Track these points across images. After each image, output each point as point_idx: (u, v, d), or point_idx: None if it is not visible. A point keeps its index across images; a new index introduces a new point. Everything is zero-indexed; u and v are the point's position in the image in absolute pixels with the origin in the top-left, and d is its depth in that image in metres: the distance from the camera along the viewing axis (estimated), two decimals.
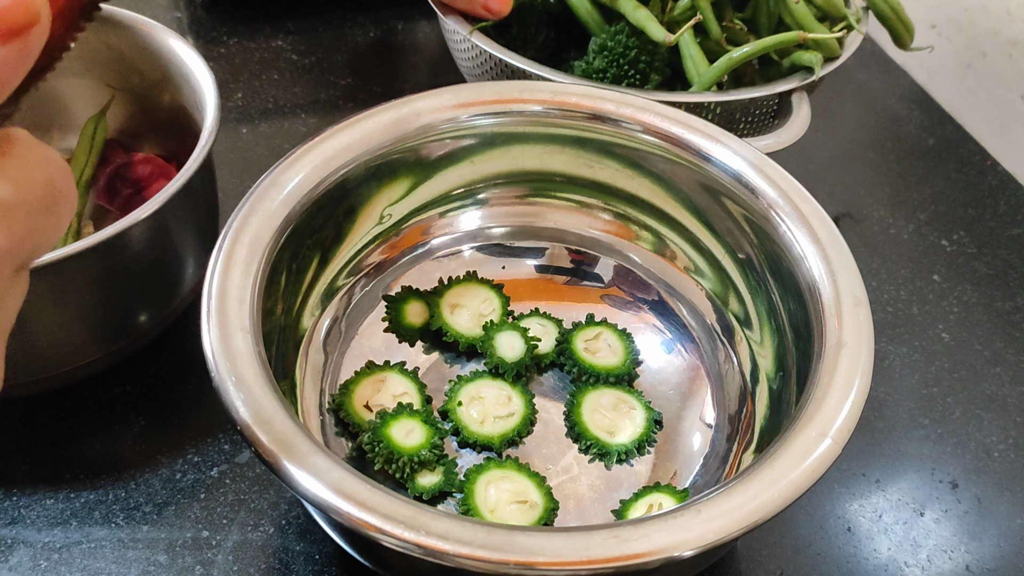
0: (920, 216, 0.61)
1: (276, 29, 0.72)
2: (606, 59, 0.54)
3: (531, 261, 0.50)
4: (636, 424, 0.42)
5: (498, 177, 0.48)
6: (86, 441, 0.44)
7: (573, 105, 0.45)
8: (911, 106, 0.72)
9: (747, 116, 0.54)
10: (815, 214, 0.40)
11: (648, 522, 0.29)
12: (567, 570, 0.27)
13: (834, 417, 0.32)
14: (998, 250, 0.59)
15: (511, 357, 0.44)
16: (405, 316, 0.45)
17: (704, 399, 0.44)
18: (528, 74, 0.52)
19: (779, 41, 0.53)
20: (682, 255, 0.47)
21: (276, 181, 0.39)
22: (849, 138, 0.68)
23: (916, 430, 0.48)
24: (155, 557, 0.39)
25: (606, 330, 0.46)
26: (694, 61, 0.54)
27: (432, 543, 0.27)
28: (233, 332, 0.33)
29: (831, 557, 0.42)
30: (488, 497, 0.38)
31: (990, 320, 0.54)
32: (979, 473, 0.46)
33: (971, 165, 0.66)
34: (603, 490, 0.40)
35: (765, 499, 0.29)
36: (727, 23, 0.57)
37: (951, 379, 0.50)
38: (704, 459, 0.41)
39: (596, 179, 0.48)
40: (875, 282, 0.56)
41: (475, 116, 0.44)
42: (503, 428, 0.41)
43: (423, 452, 0.39)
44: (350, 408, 0.41)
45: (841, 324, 0.35)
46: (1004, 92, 0.68)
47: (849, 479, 0.45)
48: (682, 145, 0.43)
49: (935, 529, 0.43)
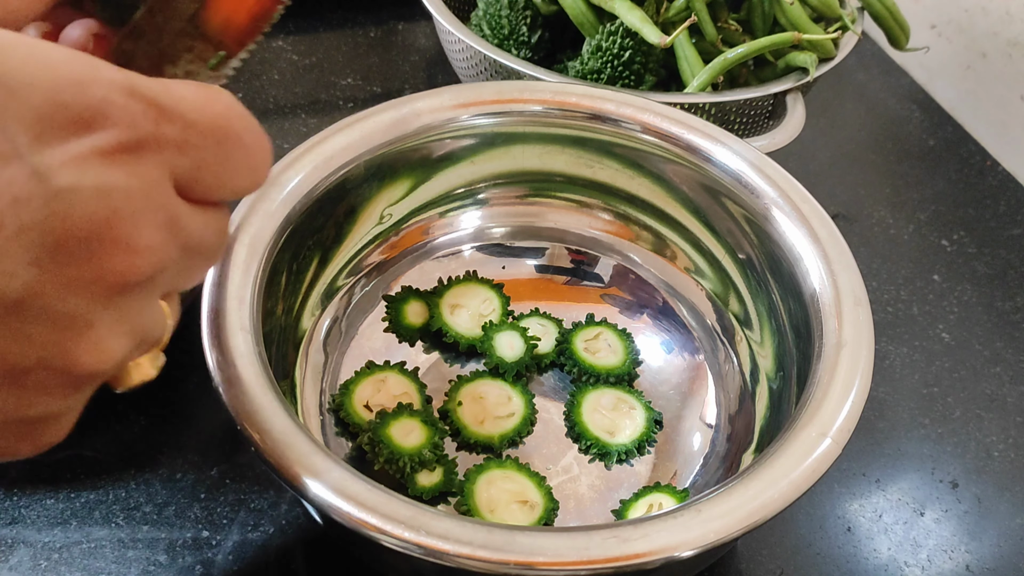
0: (920, 216, 0.61)
1: (276, 29, 0.72)
2: (601, 60, 0.54)
3: (531, 261, 0.50)
4: (636, 424, 0.42)
5: (498, 177, 0.48)
6: (86, 441, 0.44)
7: (573, 105, 0.45)
8: (911, 106, 0.72)
9: (742, 117, 0.54)
10: (815, 214, 0.40)
11: (648, 522, 0.29)
12: (567, 570, 0.27)
13: (834, 417, 0.32)
14: (998, 250, 0.59)
15: (511, 357, 0.44)
16: (405, 316, 0.45)
17: (704, 399, 0.44)
18: (522, 75, 0.52)
19: (774, 42, 0.53)
20: (682, 255, 0.47)
21: (276, 181, 0.39)
22: (849, 138, 0.68)
23: (916, 430, 0.48)
24: (155, 557, 0.39)
25: (606, 330, 0.46)
26: (689, 62, 0.54)
27: (432, 543, 0.27)
28: (233, 332, 0.33)
29: (831, 557, 0.42)
30: (488, 497, 0.38)
31: (990, 320, 0.54)
32: (979, 473, 0.46)
33: (971, 165, 0.66)
34: (603, 490, 0.40)
35: (765, 499, 0.29)
36: (722, 24, 0.57)
37: (951, 379, 0.50)
38: (704, 459, 0.41)
39: (596, 179, 0.48)
40: (875, 282, 0.56)
41: (475, 116, 0.44)
42: (503, 428, 0.41)
43: (423, 452, 0.39)
44: (350, 408, 0.41)
45: (841, 324, 0.35)
46: (1004, 92, 0.68)
47: (849, 479, 0.45)
48: (682, 145, 0.43)
49: (935, 529, 0.43)
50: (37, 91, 0.16)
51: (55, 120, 0.16)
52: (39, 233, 0.16)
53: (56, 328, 0.17)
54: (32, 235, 0.16)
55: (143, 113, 0.18)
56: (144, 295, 0.19)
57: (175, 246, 0.19)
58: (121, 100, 0.17)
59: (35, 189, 0.16)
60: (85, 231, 0.17)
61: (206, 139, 0.19)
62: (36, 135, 0.16)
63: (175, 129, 0.18)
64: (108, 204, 0.17)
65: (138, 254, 0.18)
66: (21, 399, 0.18)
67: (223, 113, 0.19)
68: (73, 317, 0.17)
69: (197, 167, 0.19)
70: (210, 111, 0.19)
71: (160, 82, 0.18)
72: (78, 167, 0.16)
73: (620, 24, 0.54)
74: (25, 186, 0.16)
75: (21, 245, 0.16)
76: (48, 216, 0.16)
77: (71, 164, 0.16)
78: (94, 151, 0.17)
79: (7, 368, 0.17)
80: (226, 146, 0.20)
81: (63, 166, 0.16)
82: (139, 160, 0.18)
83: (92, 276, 0.17)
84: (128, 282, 0.18)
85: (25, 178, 0.16)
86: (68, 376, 0.18)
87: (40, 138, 0.16)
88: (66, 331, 0.17)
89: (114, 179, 0.17)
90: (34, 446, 0.20)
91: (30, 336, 0.17)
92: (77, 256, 0.17)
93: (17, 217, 0.16)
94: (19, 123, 0.16)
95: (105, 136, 0.17)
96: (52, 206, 0.16)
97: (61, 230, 0.16)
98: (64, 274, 0.17)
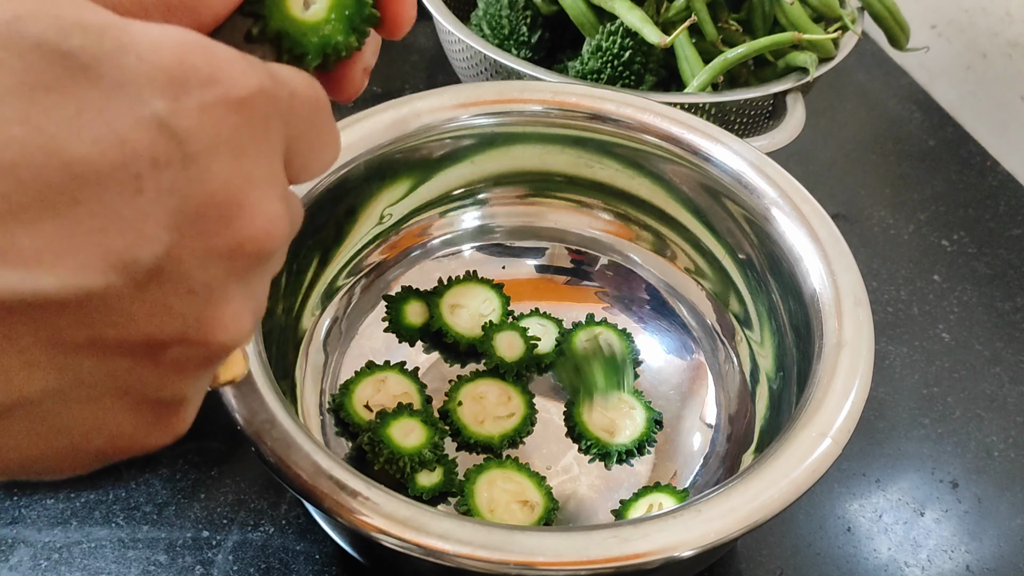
0: (920, 216, 0.61)
1: None
2: (601, 60, 0.54)
3: (531, 261, 0.50)
4: (636, 424, 0.42)
5: (498, 177, 0.48)
6: None
7: (573, 105, 0.45)
8: (911, 107, 0.72)
9: (742, 117, 0.54)
10: (815, 214, 0.40)
11: (648, 522, 0.29)
12: (567, 570, 0.27)
13: (834, 417, 0.32)
14: (998, 250, 0.59)
15: (511, 357, 0.44)
16: (405, 316, 0.45)
17: (704, 399, 0.44)
18: (522, 75, 0.52)
19: (774, 42, 0.53)
20: (682, 255, 0.47)
21: None
22: (850, 139, 0.68)
23: (916, 430, 0.48)
24: (155, 557, 0.39)
25: (606, 330, 0.46)
26: (689, 62, 0.54)
27: (432, 543, 0.27)
28: None
29: (831, 557, 0.42)
30: (488, 498, 0.38)
31: (990, 320, 0.54)
32: (979, 473, 0.46)
33: (971, 166, 0.66)
34: (603, 490, 0.40)
35: (765, 499, 0.29)
36: (722, 24, 0.57)
37: (951, 379, 0.50)
38: (704, 459, 0.41)
39: (596, 179, 0.48)
40: (875, 282, 0.56)
41: (475, 116, 0.44)
42: (503, 428, 0.41)
43: (423, 452, 0.39)
44: (350, 408, 0.41)
45: (841, 324, 0.35)
46: (1004, 93, 0.68)
47: (849, 479, 0.45)
48: (682, 145, 0.43)
49: (935, 529, 0.43)
50: (165, 56, 0.16)
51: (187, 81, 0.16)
52: (179, 198, 0.16)
53: (196, 299, 0.17)
54: (172, 199, 0.16)
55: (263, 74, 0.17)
56: (266, 271, 0.19)
57: (289, 221, 0.19)
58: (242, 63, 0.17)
59: (173, 151, 0.16)
60: (222, 195, 0.16)
61: (306, 108, 0.19)
62: (171, 97, 0.16)
63: (285, 93, 0.18)
64: (241, 168, 0.17)
65: (270, 223, 0.17)
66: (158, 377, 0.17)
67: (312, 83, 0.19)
68: (211, 288, 0.17)
69: (298, 137, 0.19)
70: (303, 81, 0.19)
71: None
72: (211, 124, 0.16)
73: (620, 24, 0.54)
74: (163, 148, 0.16)
75: (163, 208, 0.16)
76: (187, 180, 0.16)
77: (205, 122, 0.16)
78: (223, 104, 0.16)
79: (145, 341, 0.16)
80: (318, 116, 0.20)
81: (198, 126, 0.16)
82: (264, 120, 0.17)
83: (230, 245, 0.17)
84: (262, 252, 0.17)
85: (164, 141, 0.16)
86: (204, 352, 0.17)
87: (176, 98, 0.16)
88: (205, 303, 0.17)
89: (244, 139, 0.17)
90: (162, 435, 0.18)
91: (170, 307, 0.16)
92: (216, 222, 0.16)
93: (156, 180, 0.15)
94: (152, 87, 0.16)
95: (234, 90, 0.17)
96: (190, 169, 0.16)
97: (200, 193, 0.16)
98: (204, 241, 0.16)
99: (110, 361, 0.16)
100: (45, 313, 0.15)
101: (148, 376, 0.17)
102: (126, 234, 0.15)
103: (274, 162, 0.18)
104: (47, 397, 0.16)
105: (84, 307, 0.15)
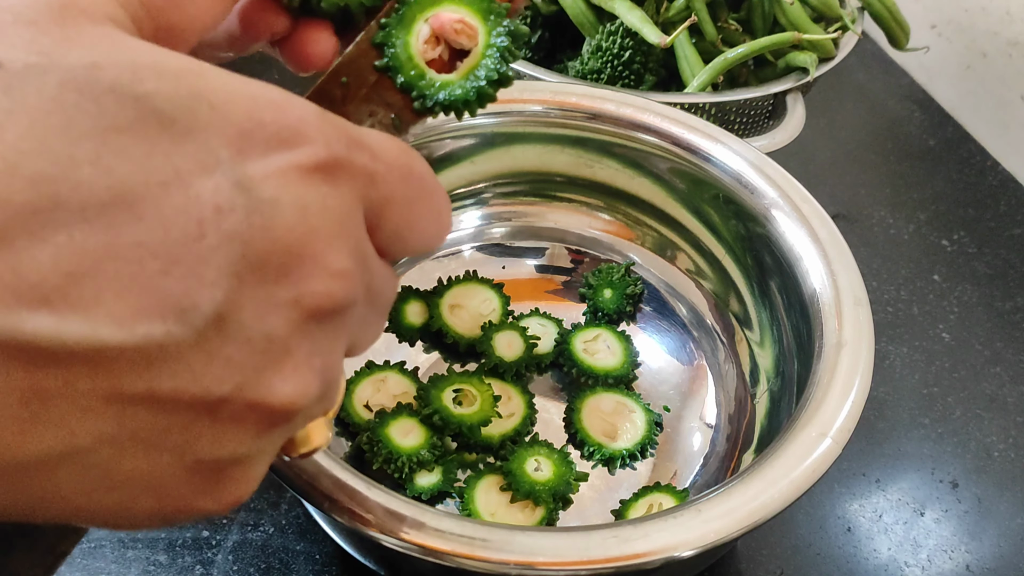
0: (920, 216, 0.61)
1: None
2: (601, 60, 0.54)
3: (531, 261, 0.50)
4: (637, 427, 0.42)
5: (498, 177, 0.48)
6: None
7: (573, 105, 0.45)
8: (911, 107, 0.72)
9: (742, 117, 0.54)
10: (815, 214, 0.40)
11: (648, 522, 0.29)
12: (567, 570, 0.27)
13: (834, 417, 0.32)
14: (998, 250, 0.59)
15: (510, 357, 0.44)
16: (405, 316, 0.45)
17: (704, 399, 0.44)
18: (522, 75, 0.52)
19: (774, 42, 0.53)
20: (682, 255, 0.47)
21: None
22: (850, 138, 0.68)
23: (916, 430, 0.48)
24: (155, 557, 0.39)
25: (605, 331, 0.46)
26: (689, 62, 0.54)
27: (432, 543, 0.27)
28: None
29: (831, 557, 0.42)
30: (488, 501, 0.38)
31: (990, 320, 0.54)
32: (979, 473, 0.46)
33: (971, 165, 0.66)
34: (603, 490, 0.40)
35: (765, 499, 0.29)
36: (722, 24, 0.57)
37: (951, 379, 0.50)
38: (704, 459, 0.41)
39: (596, 179, 0.48)
40: (875, 282, 0.56)
41: (475, 116, 0.44)
42: (503, 428, 0.41)
43: (422, 452, 0.39)
44: (350, 408, 0.41)
45: (841, 324, 0.35)
46: (1004, 92, 0.68)
47: (849, 479, 0.45)
48: (682, 145, 0.43)
49: (935, 529, 0.43)
50: (237, 108, 0.16)
51: (255, 136, 0.16)
52: (240, 244, 0.16)
53: (254, 351, 0.16)
54: (234, 246, 0.16)
55: (336, 137, 0.17)
56: (335, 331, 0.18)
57: (363, 282, 0.18)
58: (317, 123, 0.17)
59: (237, 199, 0.16)
60: (285, 245, 0.16)
61: (392, 172, 0.19)
62: (238, 149, 0.16)
63: (365, 157, 0.18)
64: (307, 221, 0.17)
65: (334, 278, 0.17)
66: (215, 434, 0.16)
67: (406, 151, 0.19)
68: (271, 340, 0.16)
69: (386, 201, 0.19)
70: (393, 149, 0.19)
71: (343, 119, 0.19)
72: (278, 180, 0.16)
73: (620, 24, 0.54)
74: (228, 196, 0.16)
75: (224, 255, 0.15)
76: (249, 227, 0.16)
77: (272, 177, 0.16)
78: (293, 166, 0.16)
79: (202, 394, 0.16)
80: (411, 184, 0.19)
81: (264, 179, 0.16)
82: (335, 181, 0.17)
83: (291, 296, 0.16)
84: (324, 307, 0.17)
85: (228, 188, 0.16)
86: (264, 409, 0.17)
87: (241, 152, 0.16)
88: (265, 355, 0.16)
89: (312, 196, 0.17)
90: (218, 501, 0.17)
91: (229, 358, 0.16)
92: (277, 272, 0.16)
93: (219, 226, 0.15)
94: (220, 137, 0.16)
95: (303, 153, 0.17)
96: (253, 218, 0.16)
97: (262, 242, 0.16)
98: (264, 291, 0.16)
99: (167, 415, 0.16)
100: (104, 359, 0.15)
101: (205, 433, 0.16)
102: (187, 279, 0.15)
103: (347, 219, 0.18)
104: (100, 447, 0.15)
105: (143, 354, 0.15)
